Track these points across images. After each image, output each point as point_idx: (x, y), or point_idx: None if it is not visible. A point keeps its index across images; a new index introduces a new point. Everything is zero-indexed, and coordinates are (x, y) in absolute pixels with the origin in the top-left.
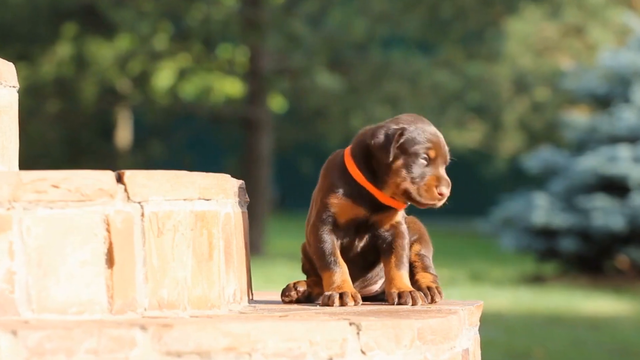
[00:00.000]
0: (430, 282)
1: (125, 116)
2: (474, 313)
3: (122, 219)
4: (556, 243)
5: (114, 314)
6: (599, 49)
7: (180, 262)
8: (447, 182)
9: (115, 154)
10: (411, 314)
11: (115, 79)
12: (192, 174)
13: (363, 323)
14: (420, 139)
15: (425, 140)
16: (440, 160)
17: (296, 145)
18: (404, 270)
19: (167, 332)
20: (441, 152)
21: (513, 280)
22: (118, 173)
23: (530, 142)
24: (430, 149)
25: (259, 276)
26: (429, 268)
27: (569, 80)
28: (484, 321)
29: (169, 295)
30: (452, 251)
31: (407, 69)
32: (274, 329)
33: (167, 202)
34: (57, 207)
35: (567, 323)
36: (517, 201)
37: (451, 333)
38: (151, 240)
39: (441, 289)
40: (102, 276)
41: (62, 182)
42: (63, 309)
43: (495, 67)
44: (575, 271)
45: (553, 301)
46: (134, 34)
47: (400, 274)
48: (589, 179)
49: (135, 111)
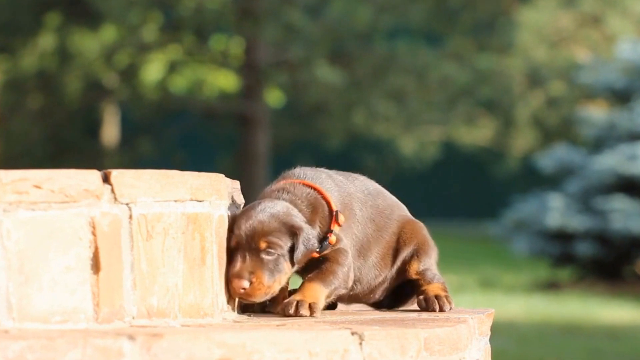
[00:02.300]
0: (440, 290)
1: (112, 112)
2: (485, 322)
3: (108, 222)
4: (572, 247)
5: (100, 323)
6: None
7: (171, 268)
8: (238, 274)
9: (102, 152)
10: (417, 323)
11: (101, 73)
12: (184, 173)
13: (366, 332)
14: (231, 229)
15: (232, 230)
16: (242, 249)
17: (294, 143)
18: (321, 284)
19: (157, 342)
20: (242, 241)
21: (526, 287)
22: (104, 173)
23: (545, 140)
24: (233, 238)
25: None
26: (435, 278)
27: (585, 74)
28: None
29: (159, 303)
30: (461, 256)
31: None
32: (271, 339)
33: (157, 203)
34: (40, 209)
35: (583, 333)
36: (531, 203)
37: (460, 343)
38: (140, 244)
39: (451, 298)
40: (87, 283)
41: (44, 182)
42: (46, 318)
43: (507, 59)
44: (593, 277)
45: (569, 309)
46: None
47: (312, 285)
48: (607, 179)
49: (122, 107)
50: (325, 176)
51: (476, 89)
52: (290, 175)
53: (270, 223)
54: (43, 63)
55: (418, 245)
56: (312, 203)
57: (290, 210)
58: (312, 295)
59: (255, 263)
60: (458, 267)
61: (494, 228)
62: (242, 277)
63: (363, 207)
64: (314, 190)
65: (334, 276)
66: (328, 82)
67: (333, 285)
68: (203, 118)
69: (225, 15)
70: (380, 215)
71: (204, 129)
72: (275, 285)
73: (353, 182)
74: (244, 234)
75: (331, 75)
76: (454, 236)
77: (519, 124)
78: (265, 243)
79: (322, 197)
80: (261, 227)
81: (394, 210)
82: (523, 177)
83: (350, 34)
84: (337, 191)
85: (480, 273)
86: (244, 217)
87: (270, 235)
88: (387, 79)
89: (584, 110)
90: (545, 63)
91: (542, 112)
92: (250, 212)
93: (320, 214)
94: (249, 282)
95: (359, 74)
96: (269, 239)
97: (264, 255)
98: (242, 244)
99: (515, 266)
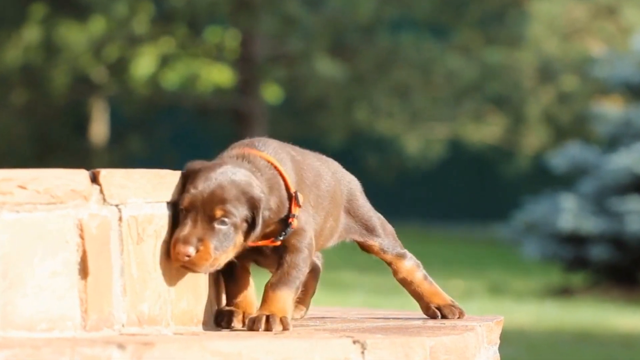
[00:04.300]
0: (446, 300)
1: (101, 108)
2: (493, 330)
3: (97, 224)
4: (586, 251)
5: (88, 330)
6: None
7: (163, 273)
8: (185, 239)
9: (90, 150)
10: (423, 331)
11: (89, 67)
12: (177, 173)
13: (368, 341)
14: (186, 188)
15: (188, 190)
16: (194, 212)
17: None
18: (286, 289)
19: (148, 351)
20: (197, 204)
21: (537, 292)
22: (93, 172)
23: (557, 138)
24: (186, 198)
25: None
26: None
27: (600, 68)
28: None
29: (150, 309)
30: (468, 260)
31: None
32: (269, 348)
33: (148, 204)
34: (24, 211)
35: (597, 341)
36: (542, 204)
37: (467, 352)
38: (130, 247)
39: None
40: (75, 288)
41: (29, 182)
42: (31, 326)
43: (517, 53)
44: (607, 283)
45: (582, 316)
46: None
47: (278, 295)
48: (622, 179)
49: (112, 103)
50: (285, 154)
51: (484, 84)
52: (250, 144)
53: (230, 190)
54: (28, 57)
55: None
56: (270, 180)
57: (252, 180)
58: (281, 308)
59: (206, 231)
60: (465, 272)
61: (503, 231)
62: (189, 242)
63: (315, 189)
64: (273, 167)
65: (296, 270)
66: (328, 76)
67: (298, 281)
68: (196, 115)
69: (220, 5)
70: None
71: (198, 126)
72: (222, 258)
73: (307, 160)
74: (201, 196)
75: (332, 69)
76: (460, 239)
77: (530, 121)
78: (221, 211)
79: (280, 176)
80: (221, 193)
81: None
82: (534, 177)
83: (352, 25)
84: (294, 172)
85: (489, 278)
86: (202, 178)
87: (228, 203)
88: (391, 73)
89: (598, 106)
90: (558, 56)
91: (554, 108)
92: (210, 174)
93: (276, 193)
94: (195, 249)
95: (361, 68)
96: (226, 208)
97: (216, 224)
98: (195, 207)
99: (525, 271)
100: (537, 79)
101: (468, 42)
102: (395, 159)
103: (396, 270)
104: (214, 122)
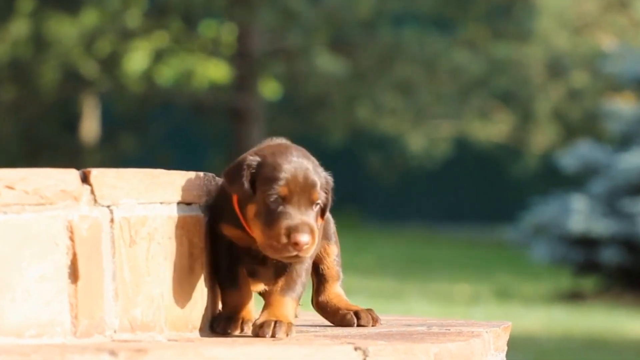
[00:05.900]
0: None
1: (92, 105)
2: (501, 336)
3: (88, 226)
4: (597, 254)
5: (79, 337)
6: None
7: (157, 277)
8: (300, 229)
9: (80, 149)
10: (427, 337)
11: (80, 62)
12: (171, 172)
13: (370, 348)
14: (273, 176)
15: (279, 177)
16: (296, 199)
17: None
18: (291, 297)
19: (141, 358)
20: (297, 189)
21: (546, 297)
22: (83, 172)
23: (567, 136)
24: (283, 186)
25: None
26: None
27: (611, 63)
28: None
29: (143, 315)
30: (474, 264)
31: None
32: (267, 355)
33: (141, 205)
34: (12, 212)
35: (609, 347)
36: (551, 205)
37: (473, 359)
38: (122, 250)
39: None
40: (64, 293)
41: (18, 182)
42: (19, 332)
43: (526, 47)
44: (619, 287)
45: (593, 322)
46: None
47: (284, 301)
48: (635, 179)
49: (103, 99)
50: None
51: (491, 80)
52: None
53: (315, 172)
54: (16, 51)
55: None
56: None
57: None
58: (287, 315)
59: (309, 217)
60: (471, 276)
61: (511, 233)
62: (305, 231)
63: None
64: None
65: (300, 280)
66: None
67: (300, 291)
68: (192, 112)
69: None
70: None
71: (193, 123)
72: (318, 242)
73: None
74: (301, 181)
75: (332, 65)
76: (466, 241)
77: (539, 119)
78: (316, 194)
79: None
80: (316, 177)
81: None
82: (543, 176)
83: (353, 19)
84: None
85: (496, 282)
86: (290, 163)
87: (319, 187)
88: (394, 69)
89: (610, 103)
90: (568, 51)
91: (563, 105)
92: (294, 158)
93: None
94: (311, 238)
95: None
96: (319, 191)
97: (313, 209)
98: (296, 193)
99: (534, 275)
100: (546, 74)
101: (474, 37)
102: (399, 158)
103: None
104: (210, 120)
